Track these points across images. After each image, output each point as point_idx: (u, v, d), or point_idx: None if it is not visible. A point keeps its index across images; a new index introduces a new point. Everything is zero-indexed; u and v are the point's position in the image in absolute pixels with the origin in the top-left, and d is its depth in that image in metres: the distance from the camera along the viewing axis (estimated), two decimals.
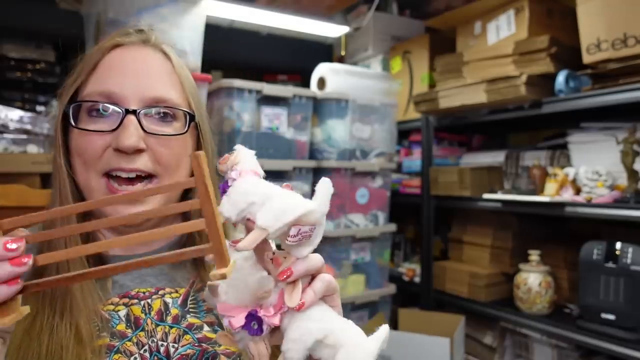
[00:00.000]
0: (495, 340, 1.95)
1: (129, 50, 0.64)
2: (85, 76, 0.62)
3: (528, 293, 1.72)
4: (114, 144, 0.59)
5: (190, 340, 0.61)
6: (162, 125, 0.63)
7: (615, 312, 1.45)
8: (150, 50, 0.66)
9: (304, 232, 0.44)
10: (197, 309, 0.64)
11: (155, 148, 0.62)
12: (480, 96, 1.76)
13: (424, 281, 2.15)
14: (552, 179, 1.66)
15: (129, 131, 0.59)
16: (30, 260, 0.39)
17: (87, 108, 0.61)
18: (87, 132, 0.60)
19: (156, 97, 0.62)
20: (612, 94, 1.44)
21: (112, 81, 0.61)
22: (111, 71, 0.62)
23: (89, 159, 0.60)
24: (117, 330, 0.58)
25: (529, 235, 1.98)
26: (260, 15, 2.05)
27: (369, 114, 1.98)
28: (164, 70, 0.65)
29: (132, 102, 0.61)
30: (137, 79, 0.62)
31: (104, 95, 0.60)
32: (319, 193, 0.45)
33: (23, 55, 1.93)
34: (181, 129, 0.64)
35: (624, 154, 1.48)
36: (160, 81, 0.63)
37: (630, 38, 1.40)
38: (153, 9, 1.53)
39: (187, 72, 0.69)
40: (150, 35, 0.67)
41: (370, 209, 2.01)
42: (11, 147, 1.43)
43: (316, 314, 0.46)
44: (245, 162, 0.48)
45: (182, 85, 0.66)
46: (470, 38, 1.97)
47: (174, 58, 0.67)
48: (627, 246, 1.45)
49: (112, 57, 0.63)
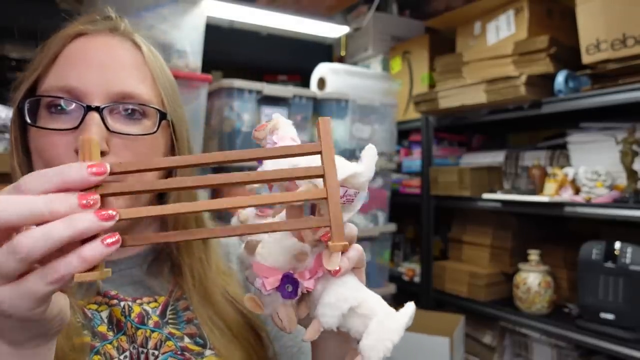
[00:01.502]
0: (495, 340, 1.96)
1: (93, 40, 0.57)
2: (44, 68, 0.55)
3: (527, 293, 1.72)
4: (75, 145, 0.53)
5: (172, 347, 0.57)
6: (128, 124, 0.56)
7: (614, 312, 1.46)
8: (118, 39, 0.58)
9: (349, 195, 0.44)
10: (177, 320, 0.60)
11: (119, 150, 0.54)
12: (480, 96, 1.76)
13: (424, 281, 2.16)
14: (551, 179, 1.66)
15: (90, 130, 0.52)
16: (117, 215, 0.35)
17: (47, 103, 0.54)
18: (46, 132, 0.54)
19: (123, 92, 0.55)
20: (611, 94, 1.44)
21: (74, 74, 0.54)
22: (73, 63, 0.55)
23: (50, 160, 0.53)
24: (99, 331, 0.55)
25: (529, 235, 1.98)
26: (261, 15, 2.06)
27: (369, 114, 1.98)
28: (133, 62, 0.57)
29: (95, 97, 0.53)
30: (102, 72, 0.54)
31: (64, 89, 0.54)
32: (365, 158, 0.44)
33: (23, 56, 1.93)
34: (151, 128, 0.57)
35: (623, 154, 1.48)
36: (128, 74, 0.56)
37: (629, 38, 1.40)
38: (153, 9, 1.53)
39: (161, 63, 0.62)
40: (118, 23, 0.60)
41: (370, 209, 2.02)
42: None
43: (351, 281, 0.45)
44: (283, 129, 0.49)
45: (153, 79, 0.59)
46: (470, 38, 1.98)
47: (144, 48, 0.60)
48: (626, 246, 1.46)
49: (74, 47, 0.56)
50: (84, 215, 0.33)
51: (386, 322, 0.43)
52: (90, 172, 0.34)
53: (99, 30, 0.58)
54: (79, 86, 0.54)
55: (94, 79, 0.54)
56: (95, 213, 0.34)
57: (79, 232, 0.33)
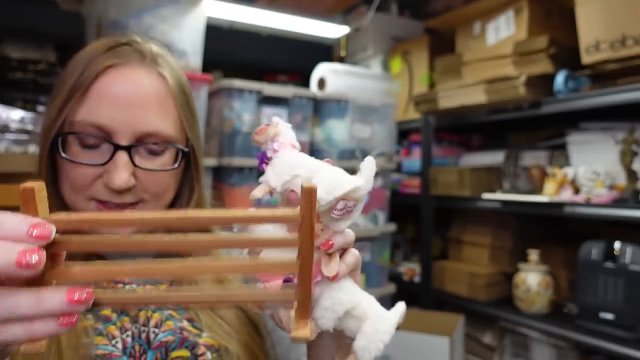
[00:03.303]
0: (495, 340, 1.96)
1: (122, 73, 0.60)
2: (76, 100, 0.59)
3: (527, 292, 1.73)
4: (104, 177, 0.59)
5: (171, 326, 0.61)
6: (151, 159, 0.62)
7: (613, 312, 1.46)
8: (145, 71, 0.62)
9: (348, 207, 0.45)
10: (177, 306, 0.64)
11: (144, 180, 0.61)
12: (480, 96, 1.77)
13: (424, 281, 2.16)
14: (551, 179, 1.66)
15: (119, 170, 0.58)
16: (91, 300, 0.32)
17: (78, 137, 0.59)
18: (77, 164, 0.59)
19: (148, 132, 0.60)
20: (610, 95, 1.45)
21: (104, 112, 0.58)
22: (102, 100, 0.59)
23: (79, 188, 0.59)
24: (102, 315, 0.59)
25: (528, 235, 1.98)
26: (261, 15, 2.06)
27: (369, 114, 1.99)
28: (159, 96, 0.62)
29: (123, 136, 0.59)
30: (130, 111, 0.59)
31: (95, 126, 0.58)
32: (364, 171, 0.46)
33: (24, 56, 1.93)
34: (171, 160, 0.63)
35: (623, 154, 1.48)
36: (154, 111, 0.61)
37: (628, 39, 1.41)
38: (153, 10, 1.53)
39: (183, 88, 0.66)
40: (146, 52, 0.63)
41: (370, 209, 2.02)
42: (12, 148, 1.44)
43: (347, 285, 0.48)
44: (285, 135, 0.49)
45: (177, 110, 0.64)
46: (470, 39, 1.98)
47: (169, 80, 0.63)
48: (625, 246, 1.46)
49: (104, 81, 0.59)
50: (54, 295, 0.32)
51: (378, 324, 0.46)
52: (30, 233, 0.31)
53: (126, 61, 0.61)
54: (108, 124, 0.58)
55: (122, 118, 0.59)
56: (67, 294, 0.32)
57: (44, 313, 0.31)
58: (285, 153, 0.48)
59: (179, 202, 0.69)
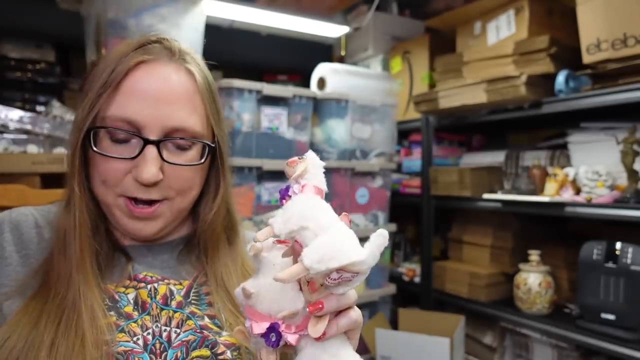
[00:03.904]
0: (495, 340, 1.95)
1: (152, 70, 0.62)
2: (107, 95, 0.61)
3: (528, 293, 1.72)
4: (134, 172, 0.61)
5: (192, 326, 0.62)
6: (179, 154, 0.64)
7: (615, 312, 1.46)
8: (173, 68, 0.64)
9: (345, 277, 0.43)
10: (199, 301, 0.66)
11: (170, 176, 0.63)
12: (480, 96, 1.76)
13: (424, 281, 2.15)
14: (552, 179, 1.66)
15: (148, 164, 0.60)
16: None
17: (109, 131, 0.61)
18: (107, 157, 0.61)
19: (176, 127, 0.62)
20: (611, 94, 1.44)
21: (134, 108, 0.60)
22: (133, 95, 0.61)
23: (109, 182, 0.61)
24: (124, 312, 0.61)
25: (529, 235, 1.98)
26: (261, 15, 2.05)
27: (369, 114, 1.98)
28: (186, 92, 0.64)
29: (152, 131, 0.61)
30: (158, 107, 0.61)
31: (125, 121, 0.60)
32: (373, 244, 0.44)
33: (23, 55, 1.93)
34: (197, 155, 0.65)
35: (624, 154, 1.48)
36: (182, 107, 0.63)
37: (630, 38, 1.40)
38: (153, 9, 1.53)
39: (209, 86, 0.68)
40: (174, 49, 0.65)
41: (370, 209, 2.01)
42: (11, 147, 1.43)
43: (332, 347, 0.46)
44: (312, 175, 0.48)
45: (204, 106, 0.66)
46: (470, 38, 1.97)
47: (197, 76, 0.65)
48: (627, 246, 1.45)
49: (135, 77, 0.61)
50: None
51: None
52: None
53: (156, 57, 0.63)
54: (138, 119, 0.60)
55: (152, 113, 0.60)
56: None
57: None
58: (302, 198, 0.46)
59: (205, 199, 0.70)
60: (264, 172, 1.69)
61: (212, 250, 0.69)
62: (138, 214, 0.63)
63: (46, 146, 1.49)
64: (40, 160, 1.39)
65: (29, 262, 0.62)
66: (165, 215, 0.65)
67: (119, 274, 0.64)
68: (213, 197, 0.70)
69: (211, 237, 0.69)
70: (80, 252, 0.60)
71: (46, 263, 0.61)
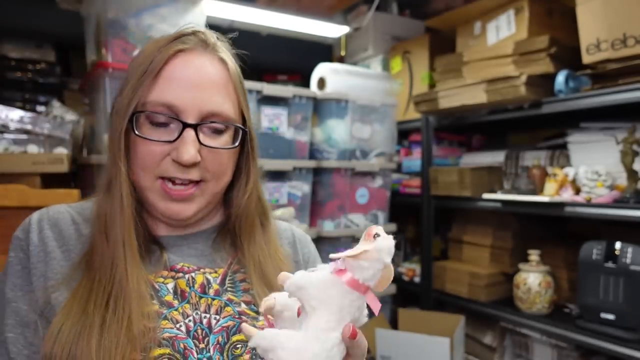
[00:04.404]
0: (495, 340, 1.95)
1: (189, 58, 0.66)
2: (148, 83, 0.64)
3: (528, 293, 1.72)
4: (172, 154, 0.64)
5: (230, 312, 0.65)
6: (214, 138, 0.67)
7: (614, 312, 1.46)
8: (207, 57, 0.68)
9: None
10: (234, 288, 0.69)
11: (207, 159, 0.66)
12: (480, 96, 1.76)
13: (424, 281, 2.15)
14: (551, 179, 1.66)
15: (187, 146, 0.63)
16: None
17: (148, 116, 0.64)
18: (147, 141, 0.64)
19: (212, 111, 0.65)
20: (611, 94, 1.44)
21: (173, 93, 0.64)
22: (172, 81, 0.64)
23: (148, 165, 0.64)
24: (165, 300, 0.63)
25: (529, 235, 1.98)
26: (261, 15, 2.06)
27: (369, 114, 1.98)
28: (221, 80, 0.68)
29: (190, 115, 0.64)
30: (196, 92, 0.64)
31: (165, 105, 0.64)
32: None
33: (23, 56, 1.93)
34: (230, 140, 0.69)
35: (624, 154, 1.48)
36: (217, 93, 0.66)
37: (629, 38, 1.40)
38: (153, 9, 1.53)
39: (240, 76, 0.72)
40: (208, 40, 0.69)
41: (370, 209, 2.02)
42: (11, 147, 1.43)
43: None
44: (362, 265, 0.47)
45: (236, 93, 0.70)
46: (470, 38, 1.98)
47: (230, 64, 0.70)
48: (626, 246, 1.45)
49: (173, 65, 0.65)
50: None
51: None
52: None
53: (192, 48, 0.67)
54: (177, 103, 0.64)
55: (190, 98, 0.64)
56: None
57: None
58: (322, 278, 0.47)
59: (237, 184, 0.74)
60: (264, 172, 1.69)
61: (248, 234, 0.72)
62: (175, 195, 0.65)
63: (46, 146, 1.49)
64: (40, 160, 1.39)
65: (71, 257, 0.64)
66: (200, 198, 0.68)
67: (155, 264, 0.67)
68: (245, 182, 0.73)
69: (246, 221, 0.72)
70: (124, 232, 0.62)
71: (87, 255, 0.64)
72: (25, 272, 0.63)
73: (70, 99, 2.01)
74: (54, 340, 0.56)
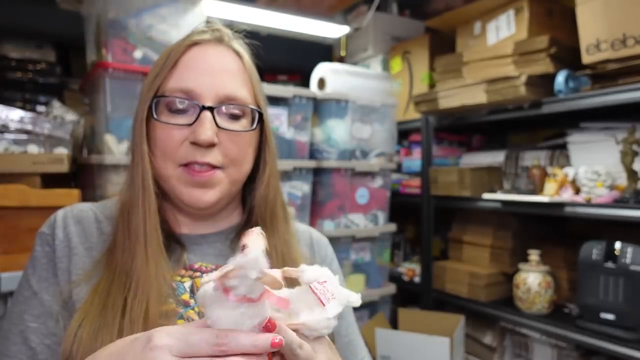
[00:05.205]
0: (495, 340, 1.95)
1: (205, 49, 0.69)
2: (166, 72, 0.67)
3: (528, 293, 1.72)
4: (190, 137, 0.65)
5: None
6: (231, 122, 0.68)
7: (614, 312, 1.46)
8: (223, 48, 0.71)
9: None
10: None
11: (225, 143, 0.67)
12: (480, 96, 1.76)
13: (424, 281, 2.16)
14: (551, 179, 1.66)
15: (205, 126, 0.64)
16: None
17: (167, 103, 0.66)
18: (167, 126, 0.66)
19: (228, 95, 0.67)
20: (611, 94, 1.44)
21: (191, 79, 0.66)
22: (189, 69, 0.67)
23: (168, 150, 0.66)
24: (182, 299, 0.64)
25: (529, 235, 1.98)
26: (261, 15, 2.06)
27: (369, 114, 1.98)
28: (236, 69, 0.70)
29: (207, 99, 0.66)
30: (212, 78, 0.67)
31: (183, 91, 0.66)
32: None
33: (24, 56, 1.93)
34: (248, 125, 0.70)
35: (624, 154, 1.48)
36: (233, 79, 0.69)
37: (629, 38, 1.40)
38: (153, 9, 1.53)
39: (254, 69, 0.74)
40: (223, 34, 0.72)
41: (370, 209, 2.02)
42: (12, 147, 1.44)
43: None
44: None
45: (251, 83, 0.72)
46: (470, 38, 1.98)
47: (244, 57, 0.72)
48: (626, 246, 1.46)
49: (190, 55, 0.68)
50: (264, 339, 0.44)
51: None
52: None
53: (208, 40, 0.70)
54: (194, 88, 0.66)
55: (206, 83, 0.66)
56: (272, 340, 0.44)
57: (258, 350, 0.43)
58: None
59: (257, 176, 0.74)
60: None
61: (271, 224, 0.73)
62: (197, 177, 0.66)
63: (46, 146, 1.49)
64: (40, 161, 1.39)
65: (93, 255, 0.66)
66: (221, 184, 0.68)
67: (174, 262, 0.67)
68: (263, 171, 0.74)
69: (266, 210, 0.73)
70: (145, 221, 0.64)
71: (109, 252, 0.65)
72: (51, 265, 0.65)
73: (71, 99, 2.01)
74: (73, 338, 0.57)
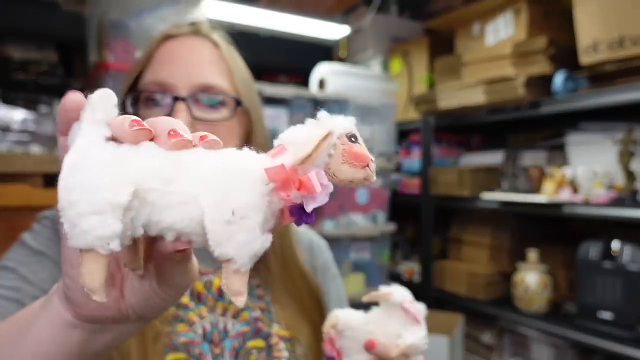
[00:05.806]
0: (494, 339, 1.96)
1: (180, 41, 0.67)
2: (141, 67, 0.66)
3: (526, 292, 1.73)
4: None
5: (247, 317, 0.66)
6: (210, 112, 0.66)
7: (612, 311, 1.47)
8: (199, 40, 0.68)
9: None
10: (250, 294, 0.68)
11: None
12: (479, 97, 1.77)
13: (423, 280, 2.16)
14: (549, 179, 1.67)
15: (178, 117, 0.62)
16: None
17: (144, 98, 0.65)
18: None
19: (203, 84, 0.65)
20: (609, 95, 1.45)
21: (164, 71, 0.65)
22: (163, 62, 0.66)
23: None
24: (182, 302, 0.63)
25: (527, 235, 1.99)
26: (261, 16, 2.07)
27: (369, 114, 1.99)
28: (213, 59, 0.67)
29: (181, 89, 0.64)
30: (186, 68, 0.65)
31: (157, 83, 0.64)
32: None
33: (26, 57, 1.94)
34: (228, 116, 0.67)
35: (621, 154, 1.49)
36: (208, 69, 0.66)
37: (626, 39, 1.41)
38: (154, 10, 1.54)
39: (236, 58, 0.71)
40: (200, 27, 0.70)
41: (369, 209, 2.03)
42: (14, 148, 1.45)
43: None
44: None
45: (230, 72, 0.68)
46: (469, 39, 1.99)
47: (222, 46, 0.69)
48: (624, 245, 1.47)
49: (164, 48, 0.67)
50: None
51: None
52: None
53: (183, 33, 0.69)
54: (168, 80, 0.64)
55: (180, 74, 0.64)
56: None
57: None
58: None
59: None
60: None
61: None
62: None
63: (49, 146, 1.50)
64: (42, 161, 1.41)
65: None
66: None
67: None
68: None
69: None
70: None
71: None
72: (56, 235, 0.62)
73: None
74: None
